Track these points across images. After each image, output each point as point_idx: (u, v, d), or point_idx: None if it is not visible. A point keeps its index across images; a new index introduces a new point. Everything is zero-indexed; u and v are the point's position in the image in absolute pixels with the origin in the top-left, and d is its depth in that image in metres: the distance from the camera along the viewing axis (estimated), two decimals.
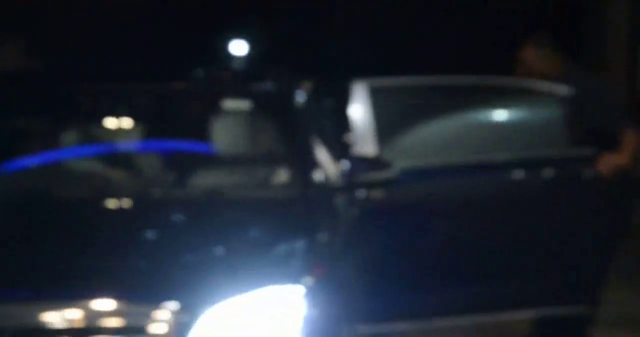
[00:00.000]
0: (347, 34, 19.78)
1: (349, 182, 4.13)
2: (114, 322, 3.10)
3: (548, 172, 4.83)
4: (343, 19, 20.33)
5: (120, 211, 3.91)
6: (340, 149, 5.06)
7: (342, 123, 5.47)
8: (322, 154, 4.34)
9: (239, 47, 24.91)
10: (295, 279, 3.29)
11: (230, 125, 4.42)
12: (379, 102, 4.77)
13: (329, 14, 20.83)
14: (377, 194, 4.61)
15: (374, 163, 4.22)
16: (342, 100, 5.34)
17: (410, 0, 18.79)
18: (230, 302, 3.17)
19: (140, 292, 3.20)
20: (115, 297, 3.16)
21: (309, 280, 3.32)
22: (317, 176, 4.11)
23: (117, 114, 4.72)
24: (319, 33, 21.34)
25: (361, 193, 4.42)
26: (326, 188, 4.10)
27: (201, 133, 4.45)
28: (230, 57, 23.80)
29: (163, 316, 3.10)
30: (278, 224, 3.74)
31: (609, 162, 4.85)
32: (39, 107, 4.67)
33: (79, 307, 3.13)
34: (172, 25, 19.25)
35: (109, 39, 16.18)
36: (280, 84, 4.53)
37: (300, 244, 3.55)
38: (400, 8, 18.77)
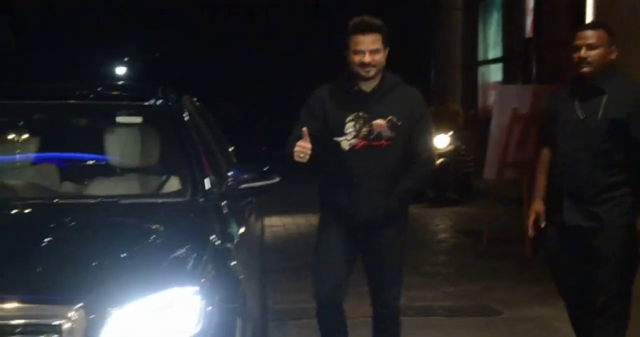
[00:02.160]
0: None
1: (235, 189, 4.15)
2: (22, 322, 2.97)
3: None
4: None
5: (21, 217, 3.79)
6: (226, 159, 5.09)
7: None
8: (210, 162, 4.35)
9: (120, 69, 24.81)
10: (191, 281, 3.22)
11: (123, 138, 4.37)
12: None
13: None
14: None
15: (257, 172, 4.25)
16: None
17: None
18: (137, 304, 3.08)
19: (48, 292, 3.07)
20: (24, 297, 3.03)
21: (203, 280, 3.26)
22: (206, 183, 4.11)
23: (17, 128, 4.62)
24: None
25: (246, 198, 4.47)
26: (214, 194, 4.11)
27: (96, 146, 4.40)
28: (114, 77, 23.67)
29: (72, 315, 2.99)
30: (172, 230, 3.69)
31: None
32: None
33: None
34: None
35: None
36: (168, 100, 4.51)
37: (193, 247, 3.48)
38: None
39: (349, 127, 4.36)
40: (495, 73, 16.01)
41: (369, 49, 4.31)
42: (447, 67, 17.67)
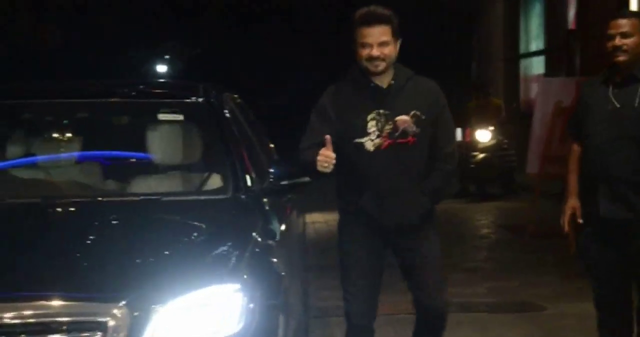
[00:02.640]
0: None
1: (276, 186, 4.17)
2: (68, 319, 3.02)
3: None
4: None
5: (66, 215, 3.85)
6: (267, 155, 5.12)
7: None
8: (252, 159, 4.38)
9: (161, 67, 25.00)
10: (233, 278, 3.25)
11: (165, 136, 4.41)
12: None
13: None
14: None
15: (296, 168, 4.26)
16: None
17: None
18: (180, 301, 3.11)
19: (93, 290, 3.11)
20: (69, 295, 3.08)
21: (245, 277, 3.29)
22: (248, 180, 4.14)
23: (60, 127, 4.69)
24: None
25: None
26: (256, 191, 4.14)
27: (138, 143, 4.44)
28: (155, 75, 23.87)
29: (116, 313, 3.03)
30: (214, 227, 3.73)
31: None
32: None
33: (35, 305, 3.05)
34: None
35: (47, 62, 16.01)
36: (210, 97, 4.55)
37: (235, 244, 3.51)
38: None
39: (371, 127, 4.07)
40: (537, 65, 15.87)
41: (376, 41, 4.02)
42: (489, 60, 17.57)
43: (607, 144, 4.21)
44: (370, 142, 4.08)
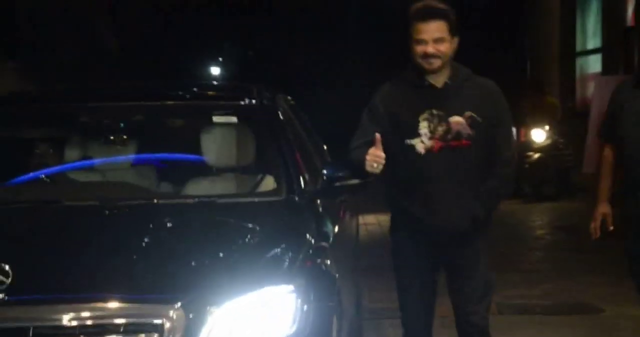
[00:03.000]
0: None
1: (330, 187, 4.18)
2: (125, 321, 3.06)
3: None
4: None
5: (122, 217, 3.90)
6: (321, 157, 5.13)
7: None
8: (305, 161, 4.39)
9: (214, 69, 25.21)
10: (287, 280, 3.27)
11: (219, 138, 4.44)
12: None
13: None
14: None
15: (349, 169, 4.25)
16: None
17: None
18: (235, 303, 3.14)
19: (149, 292, 3.15)
20: (126, 297, 3.12)
21: (299, 279, 3.30)
22: (301, 182, 4.15)
23: (115, 130, 4.76)
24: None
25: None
26: (309, 193, 4.15)
27: (193, 146, 4.49)
28: (209, 77, 24.08)
29: (172, 314, 3.06)
30: (268, 228, 3.74)
31: None
32: (42, 124, 4.71)
33: (92, 307, 3.10)
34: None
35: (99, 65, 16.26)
36: (263, 99, 4.57)
37: (289, 246, 3.52)
38: None
39: (423, 127, 3.90)
40: (594, 64, 15.66)
41: (432, 37, 3.85)
42: (544, 58, 17.37)
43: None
44: (421, 144, 3.91)
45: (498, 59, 19.53)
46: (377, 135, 3.80)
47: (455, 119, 3.91)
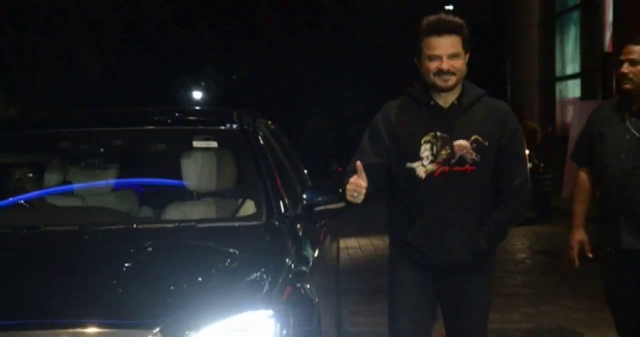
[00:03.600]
0: None
1: (310, 212, 4.19)
2: None
3: None
4: None
5: (101, 242, 3.89)
6: (301, 180, 5.14)
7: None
8: (285, 186, 4.41)
9: (197, 93, 25.27)
10: (266, 304, 3.25)
11: (200, 163, 4.45)
12: None
13: None
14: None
15: (332, 193, 4.27)
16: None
17: None
18: (214, 328, 3.12)
19: (128, 317, 3.13)
20: (104, 322, 3.10)
21: (279, 304, 3.29)
22: (281, 206, 4.16)
23: (97, 155, 4.76)
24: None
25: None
26: (290, 217, 4.15)
27: (173, 170, 4.49)
28: (191, 101, 24.12)
29: None
30: (247, 253, 3.74)
31: None
32: (22, 150, 4.70)
33: (71, 332, 3.07)
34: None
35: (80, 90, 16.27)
36: (244, 124, 4.59)
37: (269, 271, 3.52)
38: None
39: (425, 150, 3.65)
40: (573, 89, 15.81)
41: (447, 53, 3.61)
42: (524, 83, 17.52)
43: (628, 175, 4.02)
44: (422, 168, 3.65)
45: (479, 84, 19.68)
46: (359, 163, 3.60)
47: (460, 142, 3.66)
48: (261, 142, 4.52)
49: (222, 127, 4.57)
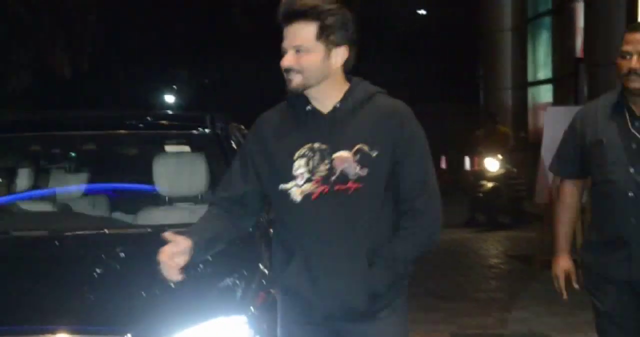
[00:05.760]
0: None
1: None
2: None
3: None
4: None
5: (72, 248, 3.87)
6: None
7: None
8: None
9: (169, 97, 25.20)
10: (239, 310, 3.25)
11: (172, 167, 4.43)
12: None
13: None
14: None
15: None
16: None
17: None
18: (186, 334, 3.11)
19: (99, 323, 3.12)
20: (75, 328, 3.08)
21: (252, 309, 3.29)
22: None
23: (68, 159, 4.73)
24: None
25: None
26: (262, 222, 4.14)
27: (145, 175, 4.47)
28: (163, 105, 24.05)
29: None
30: (220, 258, 3.72)
31: None
32: None
33: None
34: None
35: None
36: (216, 128, 4.58)
37: (242, 276, 3.51)
38: None
39: (299, 167, 2.86)
40: (545, 94, 15.92)
41: (290, 45, 2.84)
42: (497, 88, 17.61)
43: (637, 189, 3.36)
44: (297, 189, 2.87)
45: (451, 89, 19.81)
46: (167, 234, 2.90)
47: (340, 154, 2.86)
48: (234, 146, 4.51)
49: (195, 132, 4.56)
